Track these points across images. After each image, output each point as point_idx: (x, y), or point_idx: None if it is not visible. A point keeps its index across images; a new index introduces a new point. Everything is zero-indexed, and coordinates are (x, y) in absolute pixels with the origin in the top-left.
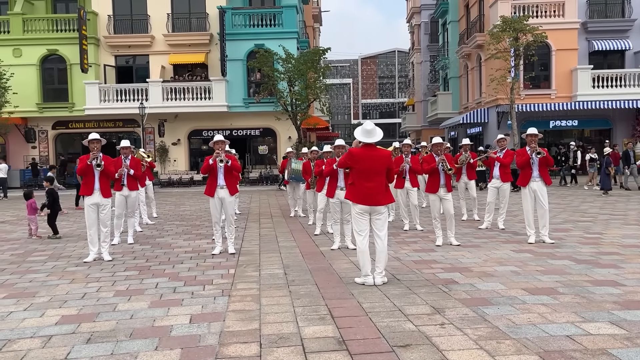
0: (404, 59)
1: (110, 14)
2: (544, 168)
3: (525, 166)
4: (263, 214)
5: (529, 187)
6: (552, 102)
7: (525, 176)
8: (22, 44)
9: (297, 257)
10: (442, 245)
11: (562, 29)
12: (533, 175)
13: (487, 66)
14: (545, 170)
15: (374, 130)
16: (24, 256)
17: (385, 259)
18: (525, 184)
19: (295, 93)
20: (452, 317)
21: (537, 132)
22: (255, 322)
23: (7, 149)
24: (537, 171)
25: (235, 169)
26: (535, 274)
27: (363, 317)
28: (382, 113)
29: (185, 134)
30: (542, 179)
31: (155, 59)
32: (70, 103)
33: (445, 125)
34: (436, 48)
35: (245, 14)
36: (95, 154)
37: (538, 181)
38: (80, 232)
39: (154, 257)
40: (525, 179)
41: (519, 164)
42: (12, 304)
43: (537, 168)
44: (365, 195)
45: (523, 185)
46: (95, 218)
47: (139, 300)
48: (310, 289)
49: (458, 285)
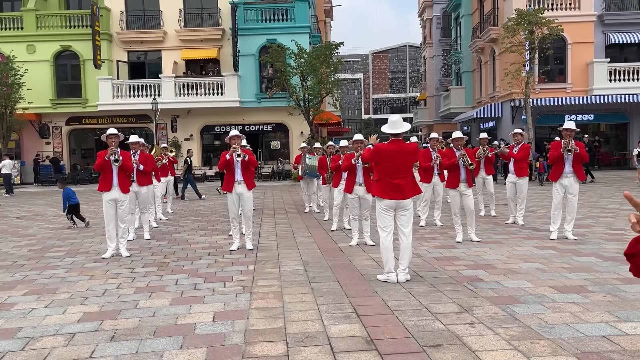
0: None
1: (123, 9)
2: (578, 164)
3: (557, 161)
4: (278, 210)
5: (560, 183)
6: (567, 96)
7: (557, 171)
8: (35, 40)
9: (316, 254)
10: (462, 241)
11: (578, 22)
12: (565, 170)
13: (501, 60)
14: (579, 166)
15: (400, 121)
16: (42, 252)
17: (409, 255)
18: (556, 179)
19: (308, 88)
20: (482, 316)
21: (574, 126)
22: (279, 320)
23: (22, 145)
24: (570, 167)
25: (252, 163)
26: (562, 272)
27: (389, 316)
28: (393, 108)
29: (198, 130)
30: (574, 174)
31: (167, 55)
32: (83, 99)
33: (458, 119)
34: (448, 42)
35: (257, 9)
36: (114, 149)
37: (570, 177)
38: (97, 227)
39: (172, 253)
40: (557, 174)
41: (550, 158)
42: (33, 301)
43: (571, 163)
44: (392, 190)
45: (554, 180)
46: (113, 214)
47: (160, 298)
48: (333, 286)
49: (484, 282)
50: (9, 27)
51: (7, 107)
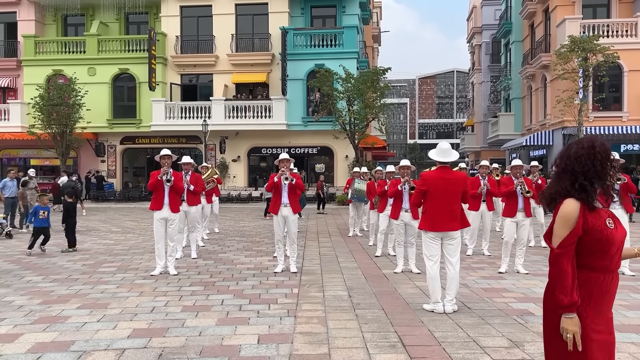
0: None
1: (178, 34)
2: (626, 195)
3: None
4: (321, 233)
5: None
6: (623, 125)
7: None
8: (96, 63)
9: (360, 279)
10: (506, 272)
11: (635, 49)
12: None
13: (552, 87)
14: (627, 197)
15: (450, 149)
16: (94, 267)
17: (456, 286)
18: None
19: (354, 112)
20: (533, 352)
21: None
22: (324, 346)
23: (79, 162)
24: (617, 197)
25: (299, 187)
26: (619, 309)
27: (436, 347)
28: (440, 133)
29: (245, 151)
30: (622, 206)
31: (218, 78)
32: (137, 119)
33: (507, 147)
34: (498, 68)
35: (307, 35)
36: (166, 170)
37: (618, 209)
38: (146, 244)
39: (218, 272)
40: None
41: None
42: (86, 315)
43: (618, 195)
44: (439, 220)
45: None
46: (163, 232)
47: (206, 317)
48: (378, 313)
49: (534, 317)
50: (73, 50)
51: (67, 126)
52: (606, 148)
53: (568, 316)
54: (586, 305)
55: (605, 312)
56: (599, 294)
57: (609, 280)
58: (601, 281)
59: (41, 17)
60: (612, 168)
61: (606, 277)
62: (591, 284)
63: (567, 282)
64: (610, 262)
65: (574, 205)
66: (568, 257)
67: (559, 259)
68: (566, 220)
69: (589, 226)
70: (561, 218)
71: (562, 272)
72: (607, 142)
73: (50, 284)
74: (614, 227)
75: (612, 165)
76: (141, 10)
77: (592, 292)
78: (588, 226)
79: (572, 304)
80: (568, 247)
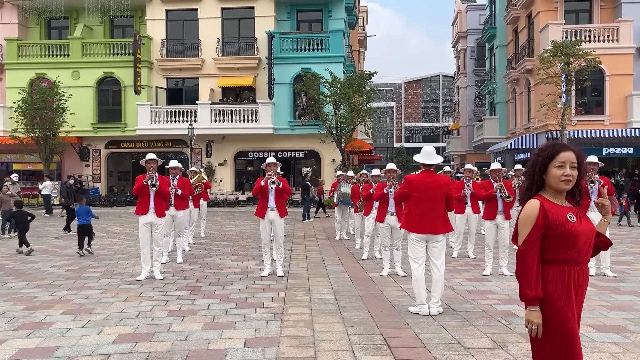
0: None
1: (164, 38)
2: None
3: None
4: (308, 237)
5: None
6: (605, 128)
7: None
8: (80, 67)
9: (347, 283)
10: (491, 274)
11: (616, 54)
12: (591, 204)
13: (536, 91)
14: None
15: (434, 153)
16: (79, 272)
17: (441, 288)
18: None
19: (341, 116)
20: (516, 353)
21: (596, 159)
22: (310, 349)
23: (63, 166)
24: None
25: (285, 191)
26: (601, 310)
27: (421, 349)
28: (426, 137)
29: (232, 155)
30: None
31: (204, 82)
32: (122, 123)
33: (492, 150)
34: (482, 72)
35: (293, 39)
36: (151, 174)
37: (596, 210)
38: (131, 249)
39: (204, 277)
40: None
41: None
42: (70, 320)
43: (596, 196)
44: (422, 223)
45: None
46: (148, 237)
47: (192, 322)
48: (364, 316)
49: (518, 318)
50: (57, 54)
51: (50, 130)
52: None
53: (532, 309)
54: (564, 300)
55: (578, 304)
56: (571, 286)
57: (579, 273)
58: (571, 274)
59: (24, 20)
60: (584, 170)
61: (576, 270)
62: (565, 277)
63: (531, 276)
64: (578, 254)
65: (533, 204)
66: (532, 253)
67: (524, 256)
68: (526, 219)
69: (550, 221)
70: (522, 218)
71: (527, 267)
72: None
73: (33, 289)
74: (577, 221)
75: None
76: (126, 14)
77: (568, 285)
78: (549, 221)
79: (535, 297)
80: (531, 243)
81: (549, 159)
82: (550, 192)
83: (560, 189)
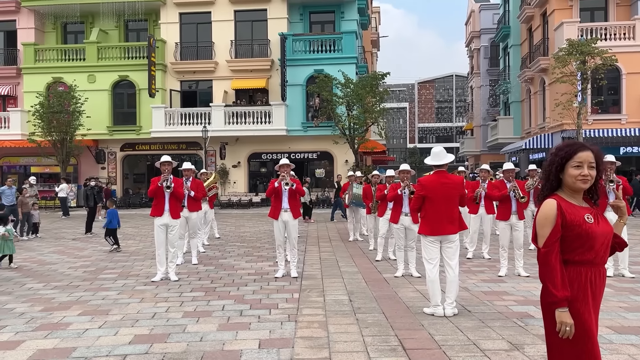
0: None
1: (178, 41)
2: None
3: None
4: (322, 238)
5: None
6: (622, 127)
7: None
8: (96, 70)
9: (361, 284)
10: (506, 275)
11: (632, 52)
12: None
13: (551, 90)
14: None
15: (443, 152)
16: (95, 273)
17: (456, 289)
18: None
19: (354, 117)
20: (533, 354)
21: (613, 159)
22: (324, 350)
23: (79, 169)
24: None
25: (299, 192)
26: (619, 311)
27: (436, 351)
28: (439, 137)
29: (245, 157)
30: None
31: (218, 84)
32: (137, 126)
33: (506, 150)
34: (496, 72)
35: (306, 40)
36: (166, 176)
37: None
38: (147, 251)
39: (219, 278)
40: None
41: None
42: (87, 321)
43: (614, 197)
44: (437, 224)
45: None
46: (164, 238)
47: (207, 323)
48: (378, 317)
49: (534, 319)
50: (72, 58)
51: (67, 134)
52: (561, 152)
53: (562, 310)
54: (581, 301)
55: (595, 305)
56: (588, 287)
57: (596, 274)
58: (588, 275)
59: (41, 25)
60: (603, 170)
61: (593, 271)
62: (582, 278)
63: (557, 277)
64: (596, 256)
65: (549, 204)
66: (554, 254)
67: (547, 257)
68: (544, 219)
69: (567, 222)
70: (540, 218)
71: (552, 268)
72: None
73: (51, 291)
74: (595, 222)
75: (603, 168)
76: (140, 18)
77: (584, 287)
78: (566, 222)
79: (565, 297)
80: (553, 244)
81: (567, 158)
82: (567, 191)
83: (577, 188)
